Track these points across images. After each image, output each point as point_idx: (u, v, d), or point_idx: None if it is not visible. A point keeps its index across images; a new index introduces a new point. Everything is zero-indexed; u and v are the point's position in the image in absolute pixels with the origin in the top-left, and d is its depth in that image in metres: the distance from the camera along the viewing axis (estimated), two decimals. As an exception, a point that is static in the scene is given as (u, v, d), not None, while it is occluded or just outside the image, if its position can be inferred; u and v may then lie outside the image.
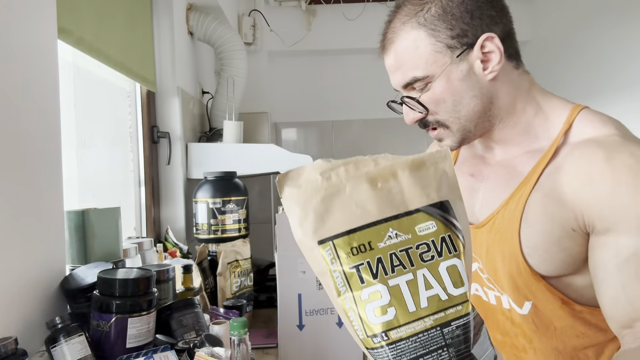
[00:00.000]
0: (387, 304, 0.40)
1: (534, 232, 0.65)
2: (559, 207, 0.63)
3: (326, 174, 0.46)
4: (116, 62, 1.45)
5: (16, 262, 0.82)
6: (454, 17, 0.65)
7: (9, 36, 0.82)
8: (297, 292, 1.25)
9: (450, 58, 0.66)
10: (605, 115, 0.69)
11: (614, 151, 0.61)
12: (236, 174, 1.72)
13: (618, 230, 0.59)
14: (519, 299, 0.68)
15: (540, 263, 0.65)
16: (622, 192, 0.59)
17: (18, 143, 0.84)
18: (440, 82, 0.67)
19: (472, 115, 0.69)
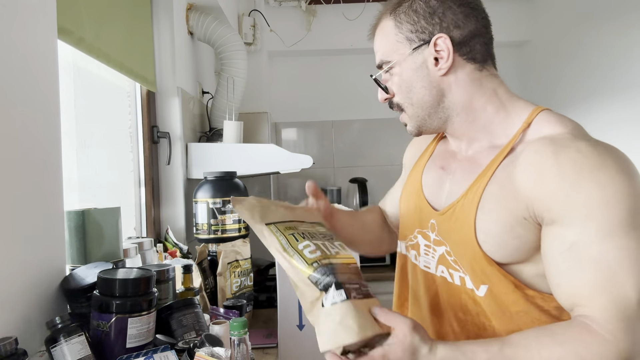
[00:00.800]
0: (315, 249, 0.73)
1: (488, 221, 0.71)
2: (512, 198, 0.69)
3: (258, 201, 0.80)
4: (116, 62, 1.45)
5: (16, 262, 0.82)
6: (417, 14, 0.75)
7: (9, 36, 0.83)
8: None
9: (408, 49, 0.76)
10: (564, 116, 0.74)
11: (563, 147, 0.66)
12: (236, 174, 1.72)
13: (562, 221, 0.64)
14: (476, 282, 0.74)
15: (494, 249, 0.71)
16: (566, 185, 0.64)
17: (18, 143, 0.84)
18: (398, 68, 0.78)
19: (423, 104, 0.78)
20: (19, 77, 0.85)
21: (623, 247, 0.61)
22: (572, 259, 0.64)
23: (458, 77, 0.76)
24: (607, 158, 0.65)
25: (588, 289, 0.63)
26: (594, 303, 0.62)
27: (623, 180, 0.63)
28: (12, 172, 0.82)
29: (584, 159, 0.65)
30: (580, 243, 0.63)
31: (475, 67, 0.77)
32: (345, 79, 3.21)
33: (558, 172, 0.65)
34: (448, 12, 0.75)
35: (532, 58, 3.16)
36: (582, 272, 0.63)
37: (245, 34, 2.77)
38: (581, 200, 0.63)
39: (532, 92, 3.17)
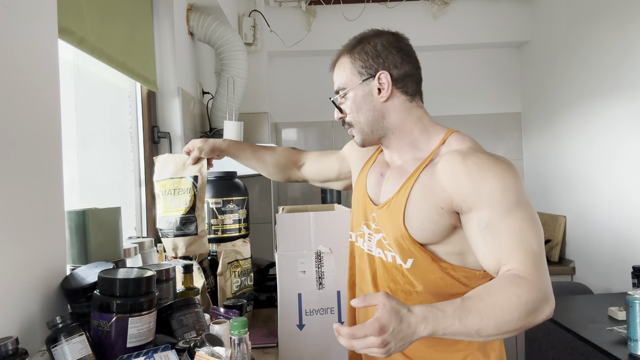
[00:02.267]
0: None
1: (414, 210, 0.94)
2: (432, 193, 0.93)
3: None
4: (117, 62, 1.45)
5: (17, 262, 0.83)
6: (367, 54, 0.99)
7: (9, 36, 0.83)
8: (297, 292, 1.25)
9: (359, 80, 1.00)
10: (467, 136, 0.98)
11: (467, 155, 0.91)
12: (236, 174, 1.72)
13: (476, 207, 0.88)
14: (404, 257, 0.97)
15: (417, 232, 0.94)
16: (474, 180, 0.88)
17: (19, 143, 0.84)
18: (352, 94, 1.01)
19: (368, 123, 1.01)
20: (19, 77, 0.85)
21: (520, 218, 0.85)
22: (489, 234, 0.86)
23: (394, 105, 1.00)
24: (497, 161, 0.90)
25: (506, 251, 0.84)
26: (513, 259, 0.84)
27: (510, 174, 0.88)
28: (13, 172, 0.82)
29: (483, 162, 0.89)
30: (492, 221, 0.86)
31: (407, 99, 1.00)
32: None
33: (467, 172, 0.89)
34: (390, 56, 0.98)
35: (532, 58, 3.16)
36: (498, 240, 0.85)
37: (246, 34, 2.77)
38: (486, 189, 0.87)
39: (532, 92, 3.17)
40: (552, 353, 1.86)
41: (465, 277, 0.95)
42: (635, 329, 1.42)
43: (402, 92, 0.99)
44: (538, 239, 0.85)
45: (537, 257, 0.83)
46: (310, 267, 1.25)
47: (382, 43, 0.99)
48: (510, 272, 0.83)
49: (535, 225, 0.86)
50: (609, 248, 2.42)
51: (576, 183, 2.69)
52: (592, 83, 2.52)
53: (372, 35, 1.01)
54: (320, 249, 1.25)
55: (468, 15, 3.13)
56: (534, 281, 0.81)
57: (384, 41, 0.99)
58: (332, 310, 1.26)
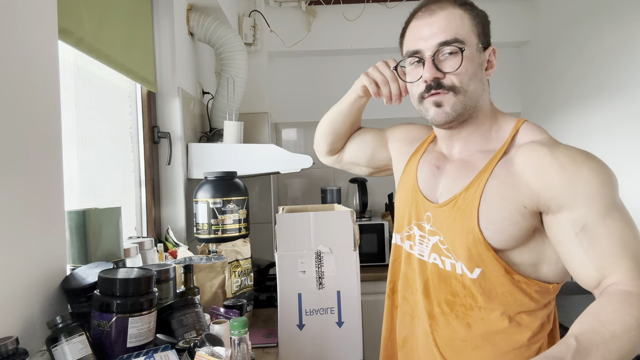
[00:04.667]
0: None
1: (491, 210, 0.83)
2: (512, 190, 0.81)
3: None
4: (117, 62, 1.45)
5: (17, 262, 0.83)
6: (485, 24, 0.88)
7: (9, 36, 0.83)
8: (297, 292, 1.25)
9: (478, 42, 0.86)
10: (539, 126, 0.88)
11: (554, 147, 0.81)
12: (236, 174, 1.72)
13: (569, 206, 0.77)
14: (471, 266, 0.85)
15: (494, 235, 0.82)
16: (567, 175, 0.77)
17: (19, 143, 0.84)
18: (469, 53, 0.85)
19: (474, 95, 0.87)
20: (19, 78, 0.85)
21: (619, 218, 0.75)
22: (587, 238, 0.75)
23: (486, 89, 0.90)
24: (589, 154, 0.80)
25: (609, 259, 0.74)
26: (618, 268, 0.73)
27: (607, 169, 0.78)
28: (13, 172, 0.82)
29: (575, 154, 0.79)
30: (590, 222, 0.75)
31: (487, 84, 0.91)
32: (345, 79, 3.21)
33: (558, 165, 0.78)
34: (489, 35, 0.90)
35: (532, 58, 3.16)
36: (599, 246, 0.74)
37: (246, 34, 2.77)
38: (581, 186, 0.76)
39: (532, 92, 3.17)
40: (552, 353, 1.86)
41: (537, 292, 0.85)
42: (635, 329, 1.42)
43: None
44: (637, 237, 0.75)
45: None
46: (310, 267, 1.25)
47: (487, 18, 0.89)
48: (615, 289, 0.72)
49: (635, 226, 0.76)
50: (609, 248, 2.42)
51: (576, 183, 2.69)
52: (592, 83, 2.52)
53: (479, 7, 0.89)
54: (320, 249, 1.25)
55: (468, 15, 3.13)
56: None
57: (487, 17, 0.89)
58: (332, 310, 1.26)
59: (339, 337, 1.25)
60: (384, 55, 3.26)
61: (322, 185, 3.18)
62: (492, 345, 0.86)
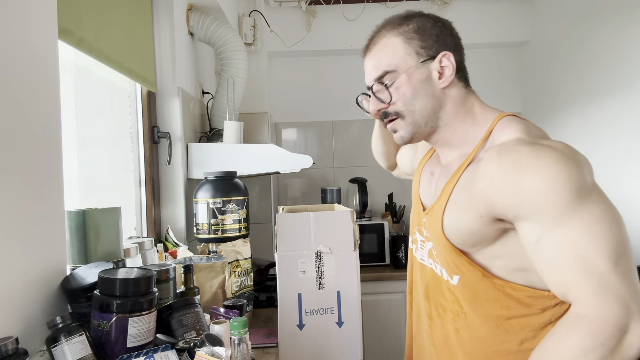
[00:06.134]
0: None
1: (453, 219, 0.83)
2: (471, 198, 0.80)
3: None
4: (117, 62, 1.45)
5: (17, 262, 0.83)
6: (425, 33, 0.86)
7: (9, 36, 0.83)
8: (297, 292, 1.25)
9: (416, 62, 0.86)
10: (519, 122, 0.82)
11: (505, 151, 0.75)
12: (236, 174, 1.72)
13: (522, 216, 0.72)
14: (450, 273, 0.85)
15: (459, 243, 0.83)
16: (510, 182, 0.72)
17: (19, 143, 0.84)
18: (404, 77, 0.86)
19: (423, 112, 0.87)
20: (19, 77, 0.85)
21: (579, 224, 0.68)
22: (541, 251, 0.71)
23: (452, 93, 0.88)
24: (543, 152, 0.71)
25: (564, 275, 0.69)
26: (573, 285, 0.69)
27: (561, 168, 0.69)
28: (13, 172, 0.82)
29: (521, 157, 0.72)
30: (543, 235, 0.70)
31: (463, 86, 0.90)
32: (345, 79, 3.22)
33: (501, 173, 0.73)
34: (448, 38, 0.87)
35: (532, 58, 3.16)
36: (555, 261, 0.70)
37: (246, 34, 2.77)
38: (526, 193, 0.70)
39: (532, 92, 3.17)
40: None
41: (528, 297, 0.80)
42: (635, 329, 1.41)
43: (459, 78, 0.89)
44: (605, 249, 0.66)
45: (603, 278, 0.67)
46: (310, 267, 1.25)
47: (440, 26, 0.87)
48: (571, 310, 0.70)
49: (601, 228, 0.67)
50: (609, 248, 2.42)
51: (576, 183, 2.69)
52: (592, 83, 2.52)
53: (420, 14, 0.88)
54: (320, 249, 1.25)
55: (468, 15, 3.13)
56: (598, 318, 0.66)
57: (440, 24, 0.87)
58: (332, 310, 1.26)
59: (339, 337, 1.25)
60: (384, 55, 3.26)
61: (322, 185, 3.18)
62: (480, 350, 0.85)
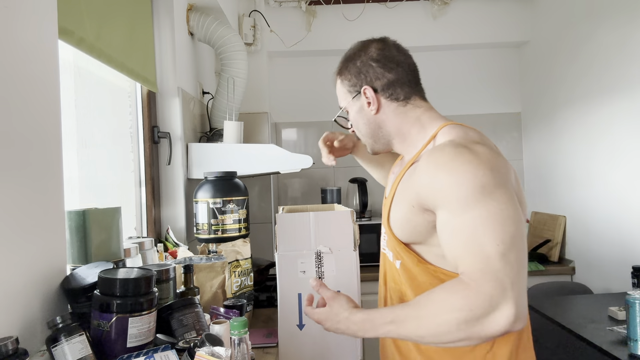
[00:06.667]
0: None
1: (396, 211, 0.98)
2: (407, 192, 0.94)
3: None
4: (117, 62, 1.45)
5: (17, 262, 0.83)
6: (350, 74, 1.04)
7: (9, 36, 0.83)
8: (297, 292, 1.25)
9: (350, 98, 1.05)
10: (456, 128, 0.95)
11: (434, 151, 0.89)
12: (236, 174, 1.72)
13: (437, 206, 0.86)
14: (395, 258, 1.00)
15: (398, 232, 0.97)
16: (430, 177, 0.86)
17: (19, 143, 0.84)
18: (349, 111, 1.08)
19: (368, 134, 1.06)
20: (19, 77, 0.85)
21: (477, 215, 0.80)
22: (447, 233, 0.85)
23: (387, 113, 1.02)
24: (460, 154, 0.85)
25: (459, 252, 0.83)
26: (464, 261, 0.81)
27: (470, 168, 0.82)
28: (13, 172, 0.82)
29: (442, 157, 0.86)
30: (448, 220, 0.84)
31: (400, 104, 1.01)
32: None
33: (426, 170, 0.88)
34: (370, 70, 1.01)
35: (532, 58, 3.16)
36: (454, 240, 0.84)
37: (246, 34, 2.77)
38: (439, 186, 0.84)
39: (532, 92, 3.17)
40: (552, 353, 1.86)
41: None
42: (635, 329, 1.42)
43: (391, 99, 1.01)
44: (495, 238, 0.78)
45: (489, 260, 0.77)
46: (310, 267, 1.25)
47: (362, 60, 1.02)
48: (456, 279, 0.82)
49: (496, 222, 0.79)
50: (609, 248, 2.42)
51: (576, 183, 2.69)
52: (592, 83, 2.52)
53: (356, 51, 1.04)
54: (320, 249, 1.25)
55: (468, 15, 3.13)
56: (475, 287, 0.77)
57: (364, 57, 1.02)
58: (332, 310, 1.26)
59: (338, 337, 1.25)
60: (384, 55, 3.26)
61: (322, 185, 3.18)
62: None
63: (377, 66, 1.01)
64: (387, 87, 1.01)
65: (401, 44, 1.06)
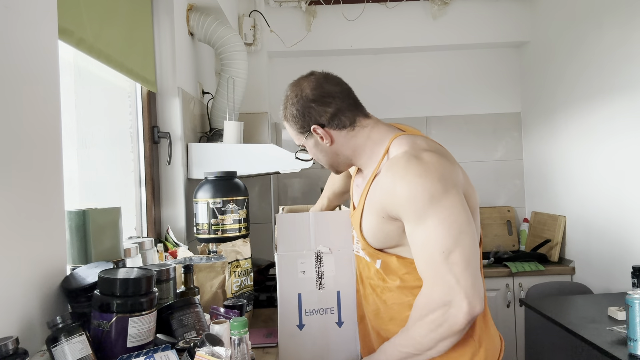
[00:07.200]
0: None
1: (366, 222, 1.07)
2: (374, 203, 1.02)
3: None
4: (117, 62, 1.45)
5: (17, 262, 0.83)
6: (295, 118, 1.10)
7: (9, 36, 0.83)
8: (296, 292, 1.25)
9: (303, 137, 1.12)
10: (407, 138, 1.03)
11: (390, 167, 0.99)
12: (236, 174, 1.72)
13: (399, 216, 0.97)
14: (373, 260, 1.10)
15: (373, 240, 1.06)
16: (389, 189, 0.96)
17: (19, 143, 0.84)
18: (307, 147, 1.15)
19: (328, 162, 1.15)
20: (19, 77, 0.85)
21: (430, 225, 0.92)
22: (412, 245, 0.96)
23: (340, 141, 1.10)
24: (411, 166, 0.94)
25: (418, 260, 0.96)
26: (420, 268, 0.96)
27: (420, 181, 0.92)
28: (13, 172, 0.82)
29: (398, 170, 0.95)
30: (411, 229, 0.95)
31: (348, 130, 1.09)
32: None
33: (386, 183, 0.97)
34: (311, 110, 1.07)
35: (532, 58, 3.16)
36: (415, 250, 0.96)
37: (246, 34, 2.77)
38: (398, 200, 0.94)
39: (532, 92, 3.17)
40: (552, 353, 1.86)
41: None
42: (635, 329, 1.42)
43: (339, 129, 1.08)
44: (442, 245, 0.90)
45: (435, 266, 0.91)
46: (310, 267, 1.25)
47: (301, 104, 1.08)
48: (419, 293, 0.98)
49: (443, 229, 0.91)
50: (609, 248, 2.42)
51: (576, 183, 2.69)
52: (592, 83, 2.52)
53: (292, 96, 1.10)
54: (320, 249, 1.25)
55: (468, 15, 3.13)
56: (427, 294, 0.94)
57: (302, 100, 1.08)
58: (332, 310, 1.26)
59: (339, 337, 1.25)
60: (384, 55, 3.26)
61: (322, 185, 3.18)
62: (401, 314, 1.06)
63: (316, 105, 1.07)
64: (331, 119, 1.08)
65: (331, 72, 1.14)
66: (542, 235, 2.96)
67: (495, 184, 3.30)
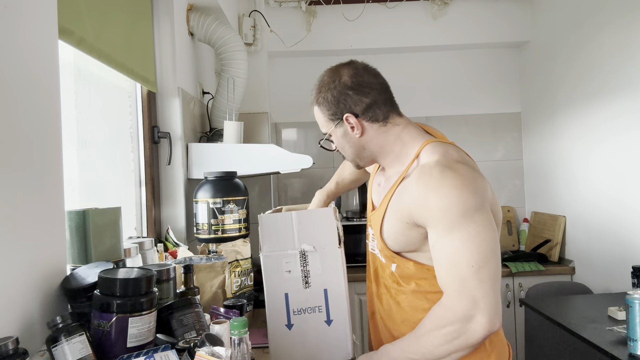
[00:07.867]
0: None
1: (388, 224, 1.05)
2: (400, 208, 1.01)
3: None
4: (117, 62, 1.45)
5: (17, 262, 0.83)
6: (328, 103, 1.07)
7: (9, 36, 0.83)
8: (283, 292, 1.24)
9: (333, 125, 1.10)
10: (441, 146, 1.02)
11: (422, 173, 0.97)
12: (236, 174, 1.72)
13: (427, 225, 0.96)
14: (389, 262, 1.09)
15: (393, 244, 1.06)
16: (421, 199, 0.94)
17: (19, 143, 0.84)
18: (333, 136, 1.13)
19: (353, 155, 1.13)
20: (20, 77, 0.85)
21: (458, 237, 0.91)
22: (435, 252, 0.96)
23: (370, 135, 1.08)
24: (447, 177, 0.93)
25: (441, 272, 0.95)
26: (445, 280, 0.95)
27: (456, 192, 0.91)
28: (13, 172, 0.82)
29: (432, 181, 0.94)
30: (436, 240, 0.94)
31: (380, 125, 1.07)
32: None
33: (417, 191, 0.96)
34: (347, 98, 1.05)
35: (532, 58, 3.16)
36: (439, 260, 0.95)
37: (246, 34, 2.77)
38: (429, 209, 0.93)
39: (532, 92, 3.17)
40: (552, 353, 1.86)
41: None
42: (635, 329, 1.42)
43: (372, 121, 1.06)
44: (470, 259, 0.90)
45: (463, 280, 0.91)
46: (295, 266, 1.24)
47: (337, 90, 1.06)
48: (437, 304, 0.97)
49: (472, 244, 0.90)
50: (609, 248, 2.42)
51: (576, 183, 2.69)
52: (592, 83, 2.52)
53: (329, 80, 1.08)
54: (304, 247, 1.24)
55: (468, 15, 3.13)
56: (448, 305, 0.93)
57: (339, 86, 1.06)
58: (319, 308, 1.25)
59: (328, 335, 1.24)
60: (384, 55, 3.26)
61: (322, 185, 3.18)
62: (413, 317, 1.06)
63: (353, 93, 1.05)
64: (366, 110, 1.06)
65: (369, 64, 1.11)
66: (542, 235, 2.96)
67: (495, 184, 3.30)
